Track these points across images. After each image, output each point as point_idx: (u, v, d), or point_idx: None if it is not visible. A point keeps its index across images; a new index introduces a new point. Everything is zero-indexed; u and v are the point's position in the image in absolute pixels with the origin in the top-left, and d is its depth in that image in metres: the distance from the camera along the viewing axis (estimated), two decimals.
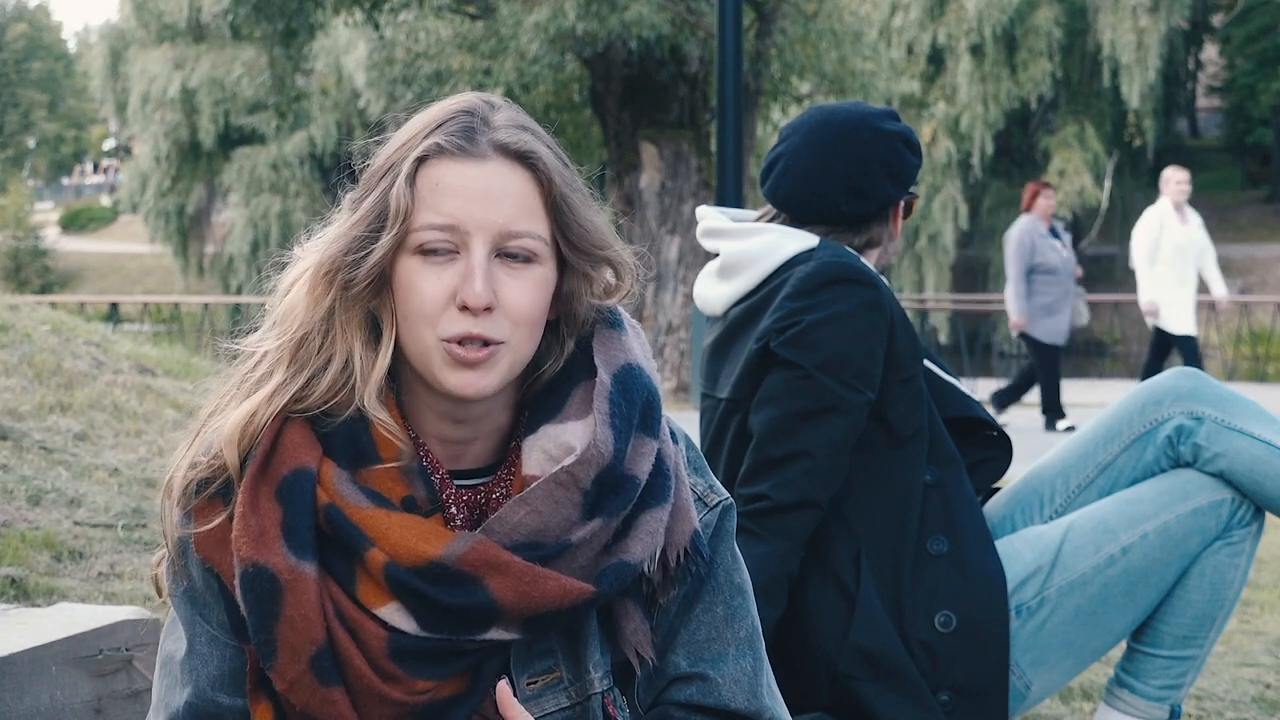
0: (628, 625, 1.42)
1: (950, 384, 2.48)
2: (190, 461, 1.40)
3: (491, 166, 1.37)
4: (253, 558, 1.34)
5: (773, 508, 2.23)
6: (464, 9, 15.18)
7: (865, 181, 2.42)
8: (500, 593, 1.33)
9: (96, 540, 3.51)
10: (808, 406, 2.26)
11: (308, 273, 1.41)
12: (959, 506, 2.32)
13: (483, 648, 1.36)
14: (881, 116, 2.47)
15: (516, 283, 1.36)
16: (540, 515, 1.35)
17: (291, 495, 1.35)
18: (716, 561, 1.49)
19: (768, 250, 2.39)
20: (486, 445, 1.44)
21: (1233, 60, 34.81)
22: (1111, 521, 2.35)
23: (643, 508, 1.39)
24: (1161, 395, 2.42)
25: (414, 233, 1.36)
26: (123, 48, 35.44)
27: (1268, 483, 2.33)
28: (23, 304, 6.57)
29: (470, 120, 1.39)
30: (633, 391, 1.41)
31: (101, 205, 51.55)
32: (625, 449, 1.38)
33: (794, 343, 2.28)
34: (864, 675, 2.22)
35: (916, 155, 2.47)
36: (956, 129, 26.91)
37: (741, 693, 1.47)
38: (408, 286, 1.36)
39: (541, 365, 1.44)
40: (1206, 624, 2.37)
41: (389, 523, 1.34)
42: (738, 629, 1.49)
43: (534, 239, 1.37)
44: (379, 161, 1.40)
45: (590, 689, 1.41)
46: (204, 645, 1.43)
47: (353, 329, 1.38)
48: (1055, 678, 2.37)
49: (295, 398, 1.38)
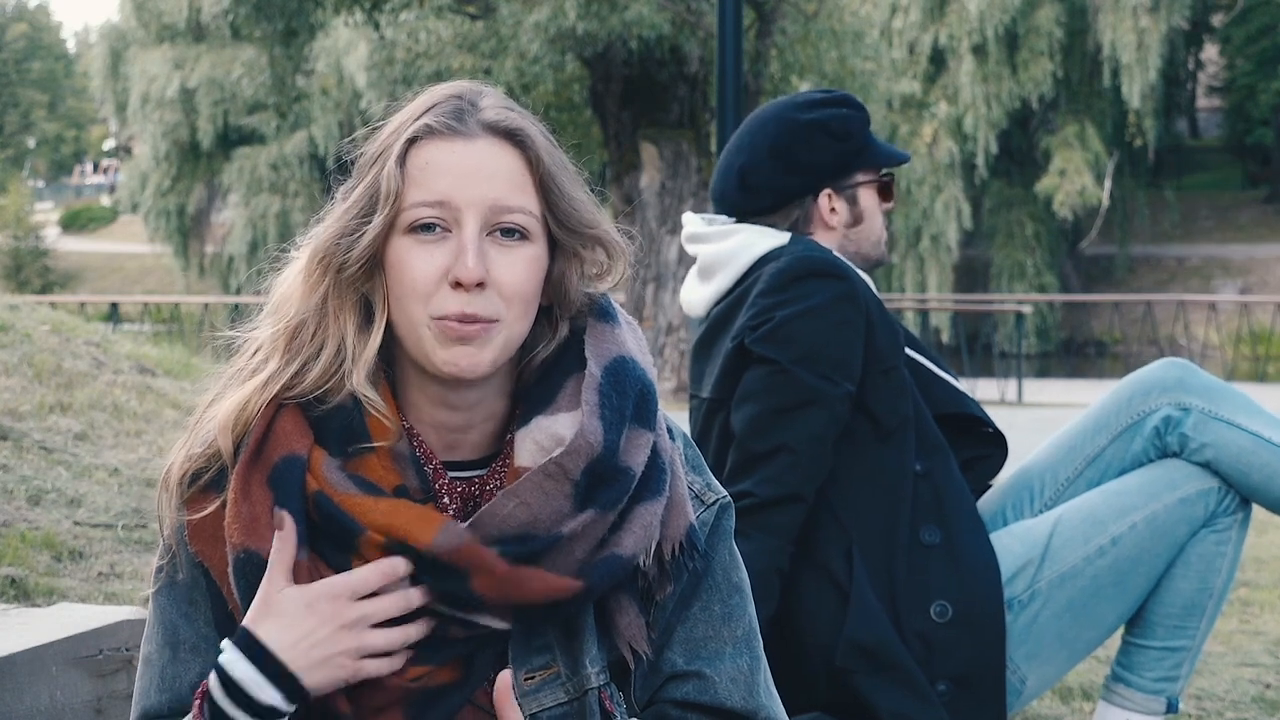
0: (622, 620, 1.41)
1: (945, 380, 2.48)
2: (186, 453, 1.41)
3: (481, 144, 1.38)
4: (244, 544, 1.34)
5: (758, 504, 2.23)
6: (464, 9, 15.17)
7: (755, 177, 2.45)
8: (483, 590, 1.33)
9: (96, 540, 3.51)
10: (786, 401, 2.27)
11: (302, 261, 1.42)
12: (949, 496, 2.33)
13: (475, 634, 1.36)
14: (804, 106, 2.48)
15: (508, 259, 1.37)
16: (529, 508, 1.34)
17: (282, 482, 1.36)
18: (714, 560, 1.49)
19: (740, 249, 2.42)
20: (482, 435, 1.44)
21: (1233, 60, 34.78)
22: (1100, 513, 2.36)
23: (637, 501, 1.39)
24: (1149, 386, 2.43)
25: (405, 212, 1.37)
26: (123, 48, 35.39)
27: (1253, 473, 2.34)
28: (23, 304, 6.58)
29: (459, 103, 1.40)
30: (624, 384, 1.40)
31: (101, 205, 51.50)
32: (617, 440, 1.37)
33: (768, 338, 2.29)
34: (861, 669, 2.22)
35: (839, 140, 2.46)
36: (959, 129, 26.88)
37: (738, 691, 1.47)
38: (400, 266, 1.37)
39: (534, 349, 1.44)
40: (1196, 613, 2.38)
41: (378, 509, 1.34)
42: (735, 628, 1.49)
43: (525, 214, 1.38)
44: (371, 149, 1.41)
45: (586, 684, 1.40)
46: (187, 653, 1.42)
47: (346, 314, 1.39)
48: (1049, 671, 2.37)
49: (288, 384, 1.39)
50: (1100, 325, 26.87)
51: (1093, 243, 30.34)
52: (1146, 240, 31.41)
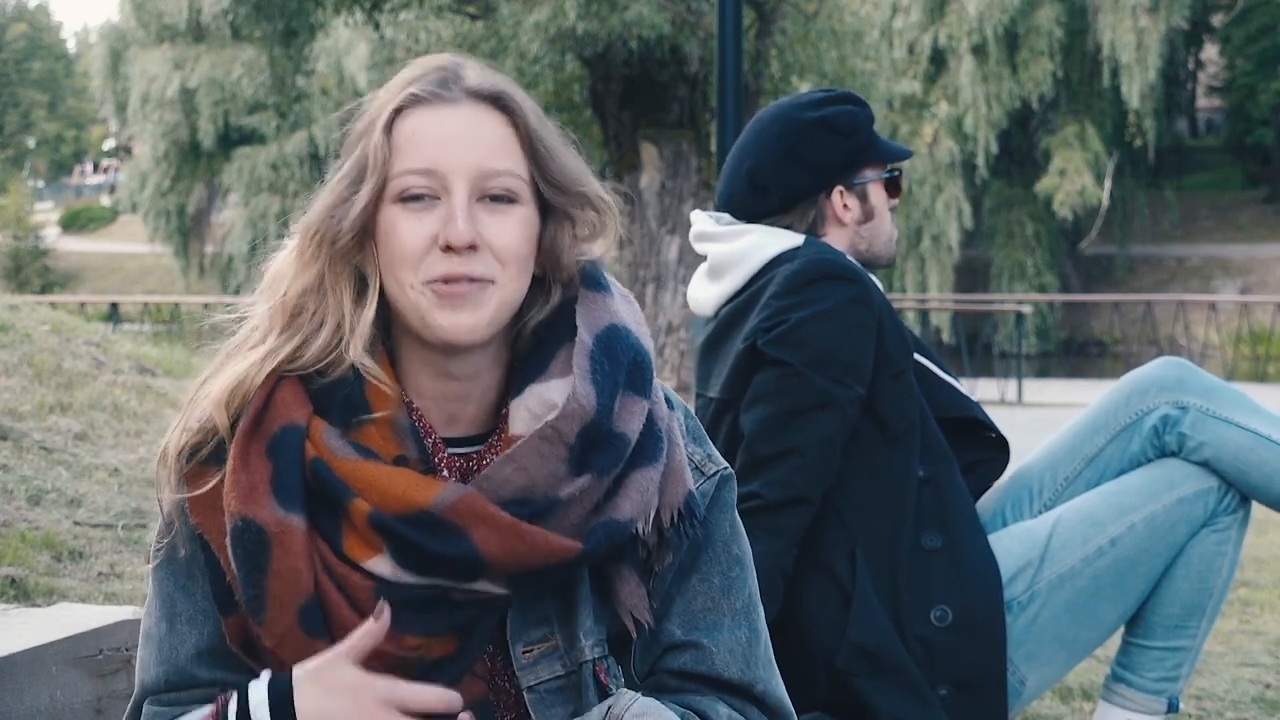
0: (623, 590, 1.42)
1: (949, 384, 2.48)
2: (182, 429, 1.42)
3: (466, 110, 1.40)
4: (242, 512, 1.35)
5: (765, 505, 2.23)
6: (464, 9, 15.16)
7: (764, 178, 2.45)
8: (485, 545, 1.33)
9: (96, 540, 3.51)
10: (797, 404, 2.27)
11: (296, 239, 1.43)
12: (952, 501, 2.33)
13: (471, 601, 1.36)
14: (808, 105, 2.48)
15: (499, 221, 1.38)
16: (527, 472, 1.35)
17: (281, 450, 1.36)
18: (714, 531, 1.49)
19: (752, 250, 2.41)
20: (480, 409, 1.45)
21: (1233, 60, 34.78)
22: (1099, 513, 2.36)
23: (633, 466, 1.39)
24: (1147, 385, 2.43)
25: (394, 180, 1.38)
26: (123, 48, 35.38)
27: (1252, 471, 2.34)
28: (23, 304, 6.58)
29: (443, 73, 1.42)
30: (616, 351, 1.41)
31: (101, 205, 51.50)
32: (611, 405, 1.38)
33: (781, 340, 2.29)
34: (862, 672, 2.22)
35: (845, 137, 2.46)
36: (959, 129, 26.88)
37: (735, 663, 1.47)
38: (390, 233, 1.38)
39: (527, 316, 1.45)
40: (1196, 613, 2.38)
41: (377, 473, 1.35)
42: (734, 600, 1.49)
43: (513, 177, 1.39)
44: (358, 125, 1.43)
45: (581, 657, 1.41)
46: (184, 625, 1.43)
47: (342, 287, 1.40)
48: (1049, 672, 2.37)
49: (288, 359, 1.40)
50: (1100, 325, 26.86)
51: (1093, 243, 30.33)
52: (1146, 240, 31.41)
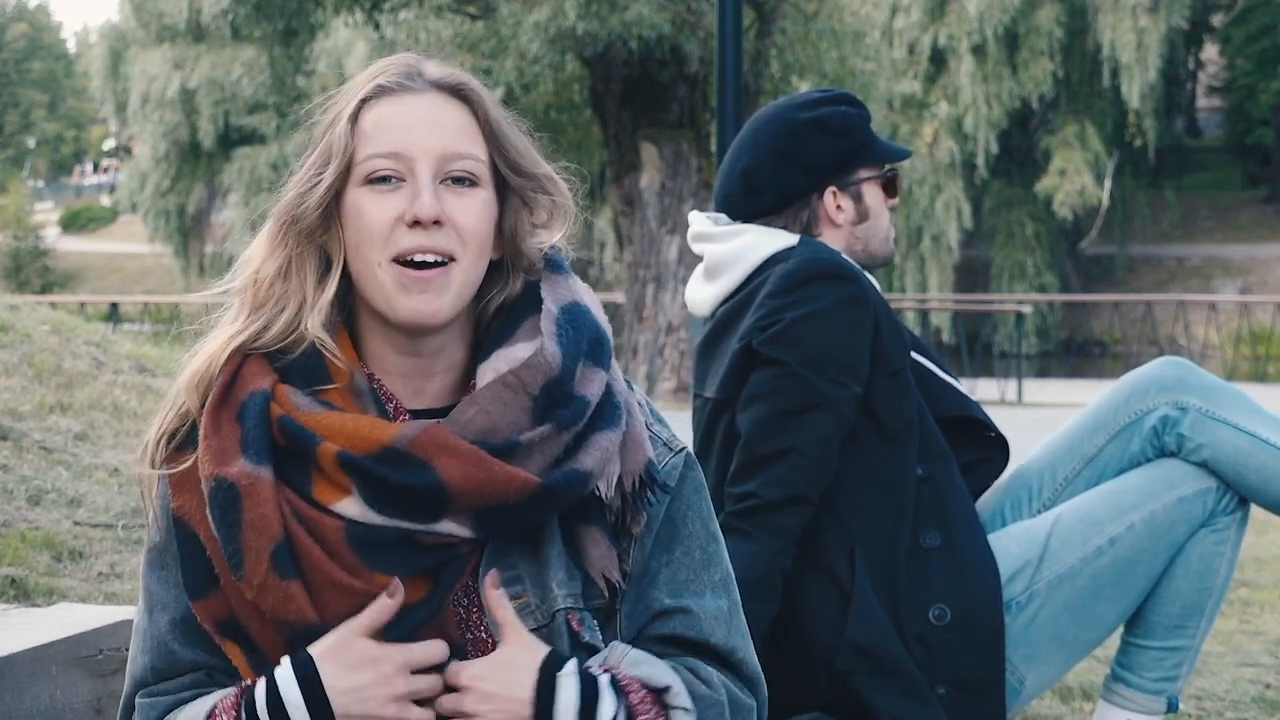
0: (595, 551, 1.47)
1: (948, 383, 2.48)
2: (159, 421, 1.48)
3: (429, 99, 1.48)
4: (215, 473, 1.40)
5: (762, 505, 2.24)
6: (464, 9, 15.16)
7: (758, 178, 2.45)
8: (448, 473, 1.38)
9: (96, 540, 3.51)
10: (794, 403, 2.27)
11: (266, 225, 1.49)
12: (950, 500, 2.33)
13: (439, 543, 1.40)
14: (803, 106, 2.49)
15: (462, 201, 1.45)
16: (489, 415, 1.41)
17: (248, 414, 1.42)
18: (690, 510, 1.55)
19: (747, 250, 2.42)
20: (444, 384, 1.50)
21: (1233, 60, 34.76)
22: (1098, 513, 2.36)
23: (593, 429, 1.45)
24: (1147, 385, 2.43)
25: (361, 165, 1.45)
26: (123, 48, 35.37)
27: (1250, 474, 2.34)
28: (23, 304, 6.58)
29: (407, 67, 1.50)
30: (580, 324, 1.48)
31: (101, 205, 51.50)
32: (574, 369, 1.45)
33: (777, 340, 2.29)
34: (861, 671, 2.22)
35: (839, 137, 2.47)
36: (959, 129, 26.87)
37: (719, 629, 1.52)
38: (357, 214, 1.44)
39: (488, 296, 1.51)
40: (1196, 613, 2.38)
41: (342, 419, 1.41)
42: (713, 573, 1.55)
43: (474, 160, 1.47)
44: (326, 117, 1.49)
45: (554, 606, 1.45)
46: (159, 612, 1.48)
47: (307, 268, 1.46)
48: (1048, 672, 2.37)
49: (252, 338, 1.46)
50: (1100, 325, 26.86)
51: (1093, 243, 30.33)
52: (1146, 240, 31.41)
